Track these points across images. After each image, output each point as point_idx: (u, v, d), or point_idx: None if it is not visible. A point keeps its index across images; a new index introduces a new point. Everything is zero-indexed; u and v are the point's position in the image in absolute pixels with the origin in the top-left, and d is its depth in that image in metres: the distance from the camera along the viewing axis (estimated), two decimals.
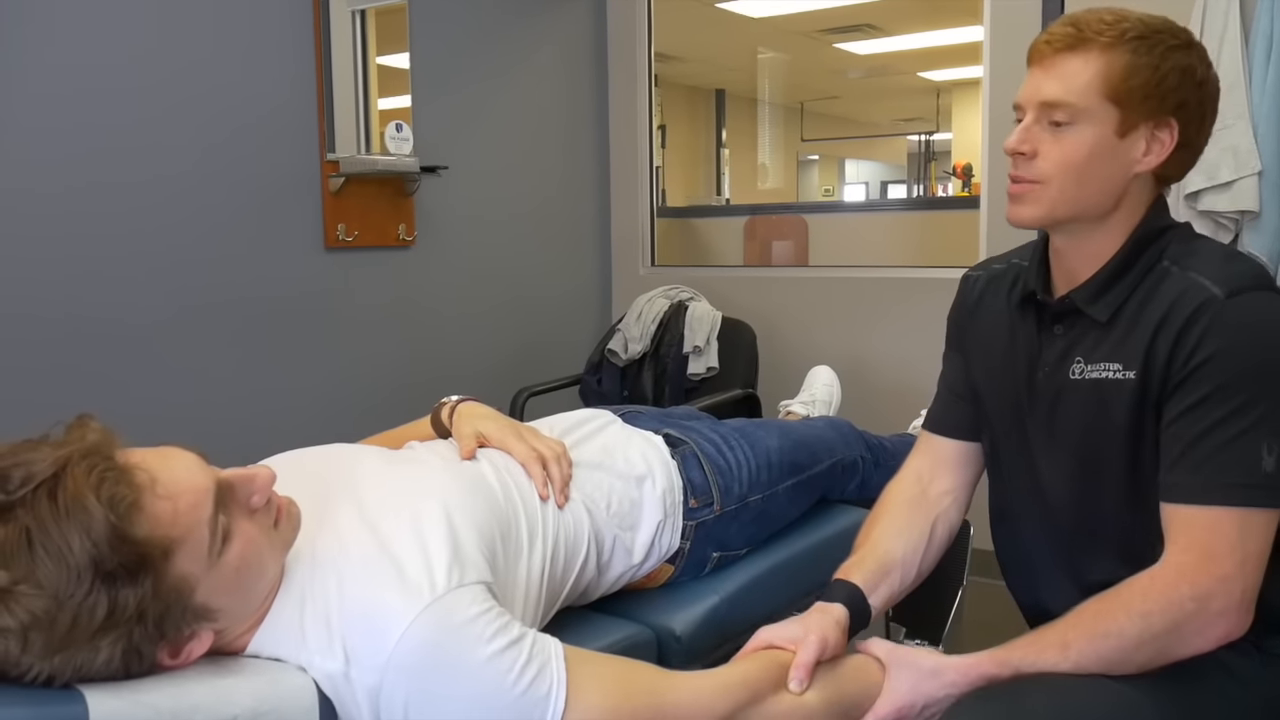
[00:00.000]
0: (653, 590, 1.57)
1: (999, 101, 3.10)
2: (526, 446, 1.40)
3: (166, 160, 2.56)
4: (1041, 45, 1.20)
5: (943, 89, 7.80)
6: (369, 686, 1.04)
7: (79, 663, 0.93)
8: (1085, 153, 1.18)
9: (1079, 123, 1.17)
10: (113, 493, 0.93)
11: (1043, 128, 1.20)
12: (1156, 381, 1.14)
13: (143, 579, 0.94)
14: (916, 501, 1.42)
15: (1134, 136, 1.18)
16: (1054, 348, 1.25)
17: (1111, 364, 1.18)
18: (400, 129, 3.07)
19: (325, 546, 1.12)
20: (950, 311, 1.47)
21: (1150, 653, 1.09)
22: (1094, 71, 1.16)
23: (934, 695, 1.15)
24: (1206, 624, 1.08)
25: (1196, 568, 1.08)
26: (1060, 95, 1.17)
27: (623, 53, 3.89)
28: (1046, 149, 1.20)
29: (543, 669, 1.07)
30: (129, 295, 2.50)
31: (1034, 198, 1.21)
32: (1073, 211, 1.21)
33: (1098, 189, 1.20)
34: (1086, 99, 1.16)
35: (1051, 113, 1.18)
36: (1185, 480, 1.11)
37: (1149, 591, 1.09)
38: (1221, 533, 1.08)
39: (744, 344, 3.32)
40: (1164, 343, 1.14)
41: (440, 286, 3.30)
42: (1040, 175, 1.20)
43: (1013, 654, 1.13)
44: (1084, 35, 1.17)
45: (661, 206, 4.11)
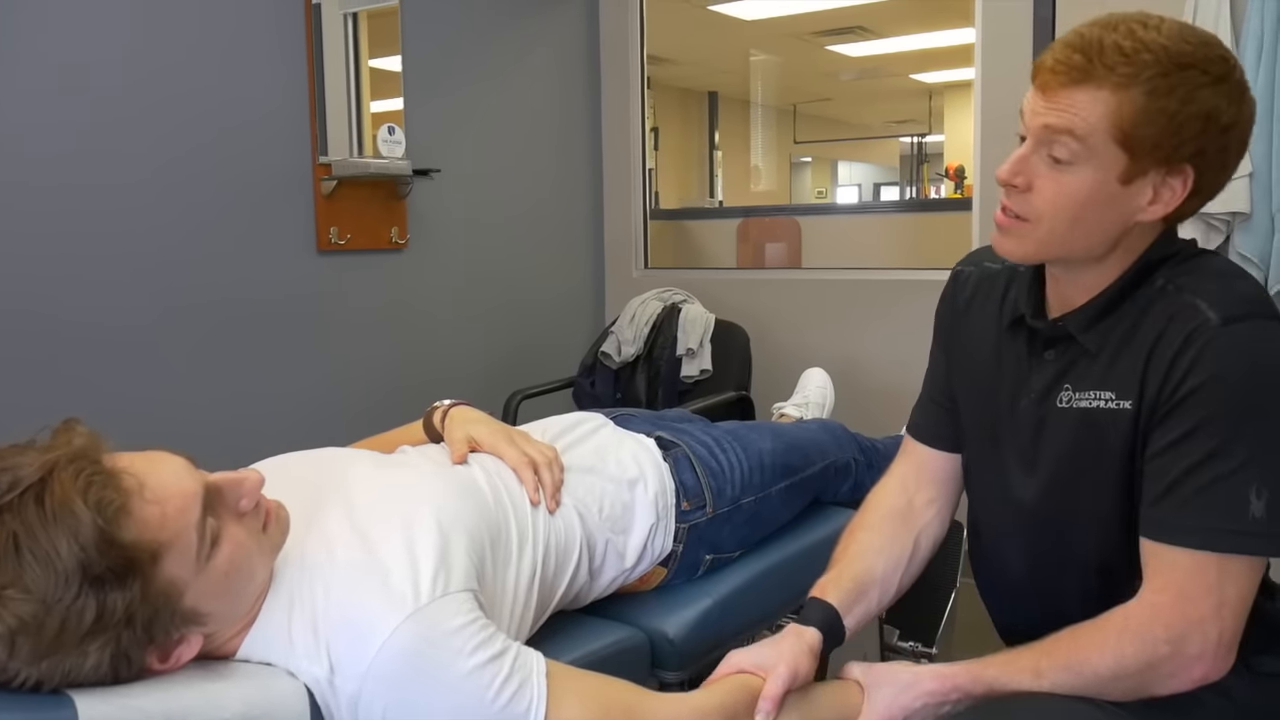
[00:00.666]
0: (646, 593, 1.57)
1: (991, 104, 3.11)
2: (518, 451, 1.40)
3: (157, 162, 2.55)
4: (1046, 71, 1.08)
5: (935, 91, 7.82)
6: (350, 694, 1.04)
7: (67, 668, 0.92)
8: (1082, 197, 1.08)
9: (1080, 163, 1.07)
10: (100, 497, 0.93)
11: (1040, 159, 1.10)
12: (1147, 410, 1.09)
13: (131, 583, 0.93)
14: (901, 514, 1.37)
15: (1140, 184, 1.07)
16: (1043, 374, 1.19)
17: (1103, 392, 1.12)
18: (393, 132, 3.07)
19: (314, 551, 1.12)
20: (939, 305, 1.40)
21: (1124, 689, 1.07)
22: (1102, 111, 1.04)
23: (911, 707, 1.14)
24: (1181, 666, 1.05)
25: (1172, 609, 1.04)
26: (1064, 124, 1.06)
27: (615, 55, 3.89)
28: (1041, 184, 1.10)
29: (523, 685, 1.07)
30: (119, 298, 2.49)
31: (1022, 234, 1.13)
32: (1062, 254, 1.13)
33: (1091, 234, 1.11)
34: (1092, 137, 1.05)
35: (1052, 144, 1.07)
36: (1168, 518, 1.06)
37: (1123, 630, 1.06)
38: (1200, 576, 1.04)
39: (737, 346, 3.32)
40: (1156, 369, 1.07)
41: (433, 289, 3.30)
42: (1030, 213, 1.11)
43: (987, 670, 1.12)
44: (1093, 67, 1.04)
45: (654, 209, 4.11)
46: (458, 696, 1.04)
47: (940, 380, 1.38)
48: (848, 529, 1.39)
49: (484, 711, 1.04)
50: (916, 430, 1.42)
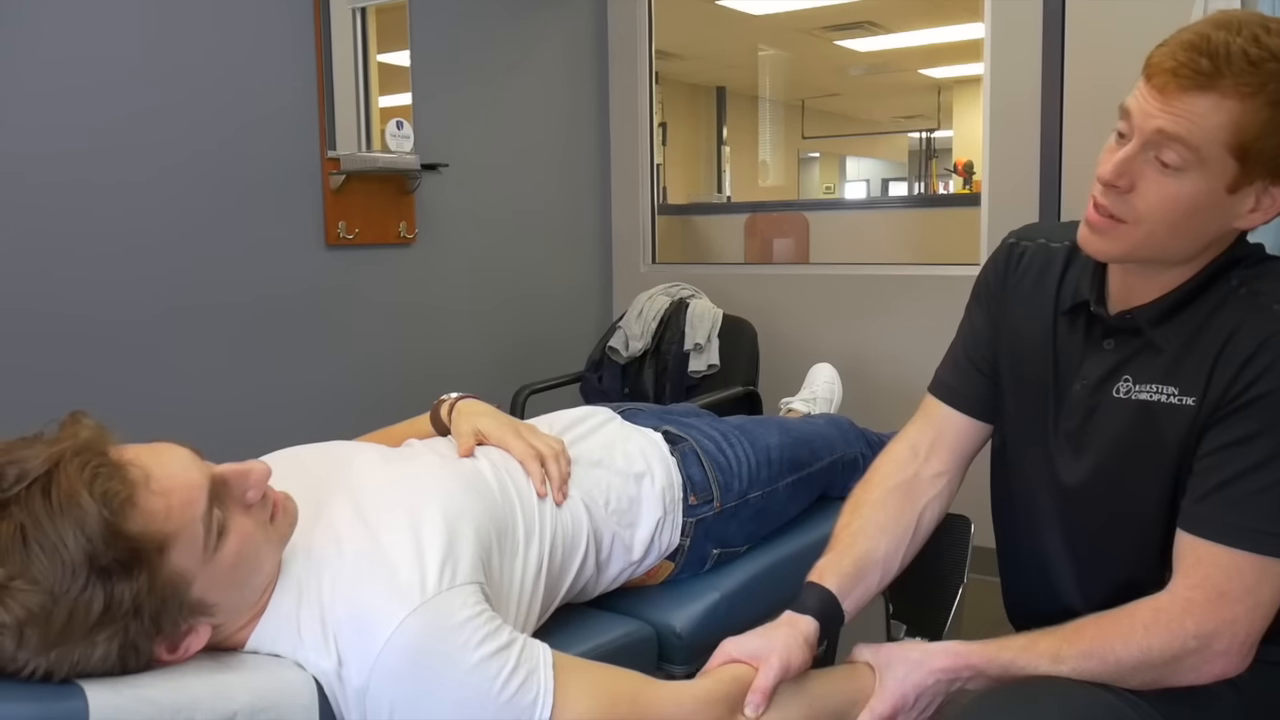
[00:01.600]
0: (653, 587, 1.57)
1: (1000, 99, 3.10)
2: (525, 444, 1.40)
3: (165, 158, 2.56)
4: (1165, 71, 1.02)
5: (944, 86, 7.80)
6: (357, 688, 1.04)
7: (76, 658, 0.93)
8: (1187, 205, 1.04)
9: (1191, 170, 1.03)
10: (106, 488, 0.93)
11: (1146, 160, 1.05)
12: (1209, 409, 1.08)
13: (138, 574, 0.94)
14: (907, 488, 1.34)
15: (1245, 192, 1.05)
16: (1101, 363, 1.18)
17: (1166, 387, 1.11)
18: (401, 126, 3.07)
19: (321, 542, 1.12)
20: (987, 271, 1.36)
21: (1143, 680, 1.08)
22: (1224, 120, 1.00)
23: (924, 684, 1.14)
24: (1205, 661, 1.05)
25: (1205, 606, 1.04)
26: (1181, 132, 1.01)
27: (623, 50, 3.89)
28: (1145, 187, 1.05)
29: (529, 676, 1.07)
30: (128, 292, 2.50)
31: (1118, 235, 1.09)
32: (1154, 256, 1.11)
33: (1188, 240, 1.08)
34: (1209, 146, 1.01)
35: (1162, 148, 1.03)
36: (1214, 515, 1.06)
37: (1152, 624, 1.06)
38: (1239, 575, 1.04)
39: (745, 341, 3.32)
40: (1225, 370, 1.06)
41: (441, 284, 3.30)
42: (1131, 215, 1.07)
43: (1004, 652, 1.12)
44: (1220, 74, 0.99)
45: (662, 204, 4.11)
46: (465, 688, 1.04)
47: (983, 344, 1.34)
48: (850, 501, 1.37)
49: (491, 703, 1.04)
50: (945, 391, 1.38)
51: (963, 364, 1.37)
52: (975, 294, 1.39)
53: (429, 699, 1.03)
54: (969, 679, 1.14)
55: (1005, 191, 3.08)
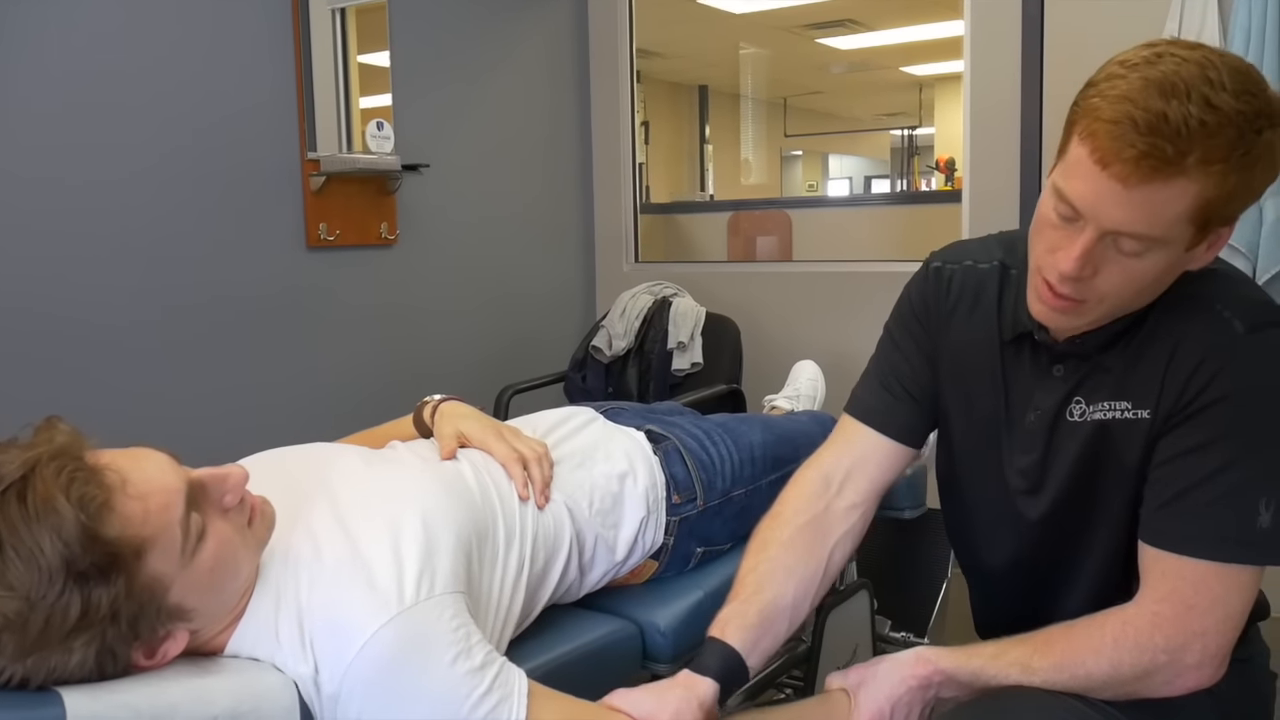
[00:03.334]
0: (637, 586, 1.57)
1: (980, 97, 3.10)
2: (507, 447, 1.39)
3: (143, 159, 2.54)
4: (1126, 161, 0.94)
5: (925, 84, 7.82)
6: (329, 694, 1.04)
7: (52, 664, 0.92)
8: (1152, 276, 1.02)
9: (1153, 250, 0.99)
10: (83, 493, 0.92)
11: (1104, 245, 1.00)
12: (1162, 417, 1.06)
13: (115, 579, 0.93)
14: (817, 524, 1.27)
15: (1201, 245, 1.02)
16: (1052, 391, 1.15)
17: (1119, 403, 1.09)
18: (381, 127, 3.06)
19: (300, 547, 1.12)
20: (912, 295, 1.31)
21: (1116, 693, 1.06)
22: (1189, 202, 0.95)
23: (896, 693, 1.12)
24: (1177, 675, 1.04)
25: (1174, 620, 1.03)
26: (1143, 230, 0.97)
27: (604, 49, 3.89)
28: (1108, 270, 1.01)
29: (502, 702, 1.06)
30: (106, 294, 2.48)
31: (1080, 313, 1.06)
32: (1115, 317, 1.08)
33: (1149, 297, 1.06)
34: (1172, 229, 0.97)
35: (1121, 240, 0.99)
36: (1174, 527, 1.04)
37: (1120, 638, 1.05)
38: (1205, 587, 1.02)
39: (728, 339, 3.32)
40: (1174, 379, 1.05)
41: (423, 285, 3.29)
42: (1094, 296, 1.04)
43: (973, 660, 1.11)
44: (1185, 155, 0.93)
45: (645, 203, 4.11)
46: (435, 703, 1.03)
47: (911, 371, 1.30)
48: (756, 539, 1.29)
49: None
50: (868, 413, 1.32)
51: (891, 386, 1.31)
52: (899, 317, 1.33)
53: (397, 711, 1.03)
54: (940, 684, 1.12)
55: (986, 188, 3.09)
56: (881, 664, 1.16)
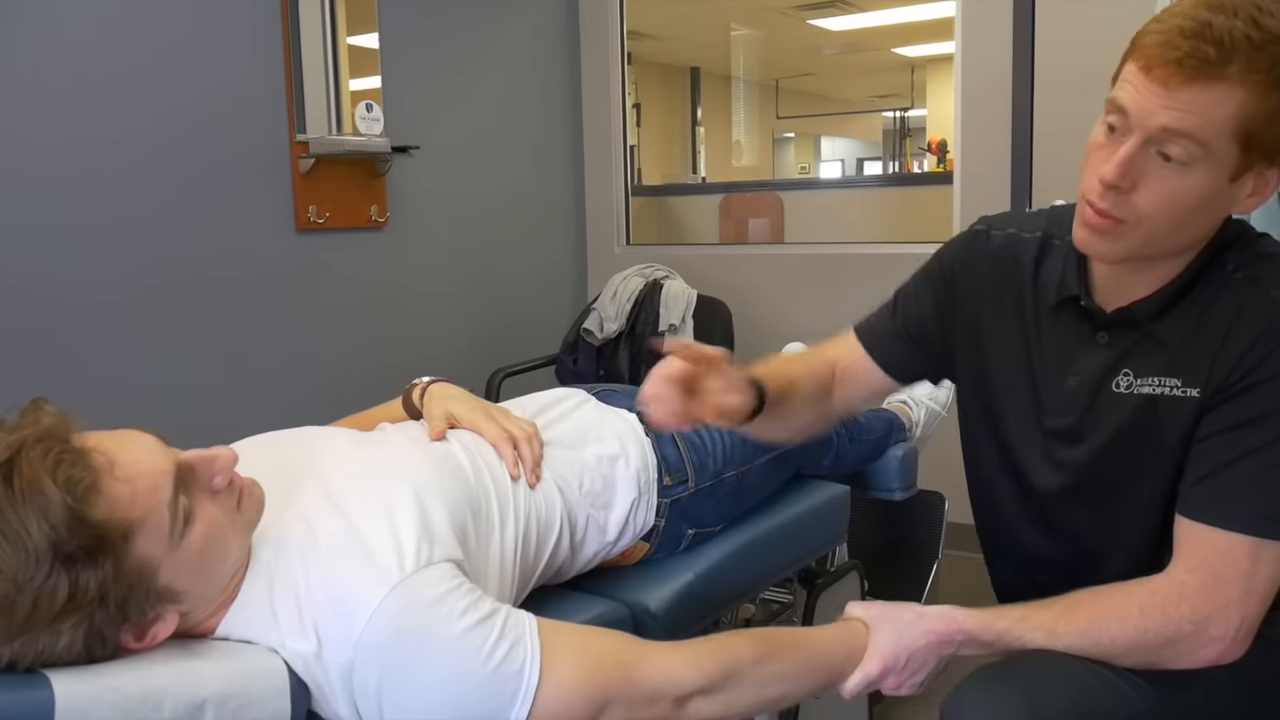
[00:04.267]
0: (628, 568, 1.57)
1: (971, 78, 3.10)
2: (497, 427, 1.39)
3: (131, 143, 2.52)
4: (1170, 62, 0.96)
5: (917, 65, 7.80)
6: (341, 665, 1.03)
7: (40, 647, 0.92)
8: (1194, 199, 1.01)
9: (1196, 164, 0.99)
10: (69, 475, 0.92)
11: (1148, 157, 1.00)
12: (1210, 395, 1.07)
13: (103, 561, 0.93)
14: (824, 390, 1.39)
15: (1245, 179, 1.02)
16: (1095, 357, 1.16)
17: (1169, 379, 1.09)
18: (371, 109, 3.05)
19: (292, 528, 1.11)
20: (948, 251, 1.34)
21: (1137, 660, 1.08)
22: (1233, 109, 0.96)
23: (914, 645, 1.14)
24: (1200, 645, 1.05)
25: (1201, 590, 1.04)
26: (1187, 128, 0.97)
27: (595, 30, 3.87)
28: (1148, 185, 1.01)
29: (516, 644, 1.07)
30: (96, 277, 2.47)
31: (1118, 235, 1.05)
32: (1156, 252, 1.08)
33: (1190, 233, 1.06)
34: (1216, 139, 0.97)
35: (1166, 144, 0.99)
36: (1211, 500, 1.06)
37: (1148, 606, 1.06)
38: (1234, 559, 1.04)
39: (719, 322, 3.32)
40: (1226, 357, 1.05)
41: (413, 268, 3.28)
42: (1133, 215, 1.03)
43: (998, 621, 1.12)
44: (1228, 62, 0.95)
45: (636, 185, 4.10)
46: (451, 659, 1.04)
47: (920, 318, 1.34)
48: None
49: (479, 672, 1.04)
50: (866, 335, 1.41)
51: (895, 321, 1.38)
52: (928, 269, 1.36)
53: (416, 673, 1.03)
54: (961, 644, 1.14)
55: (977, 169, 3.09)
56: (906, 612, 1.17)
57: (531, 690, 1.05)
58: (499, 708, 1.04)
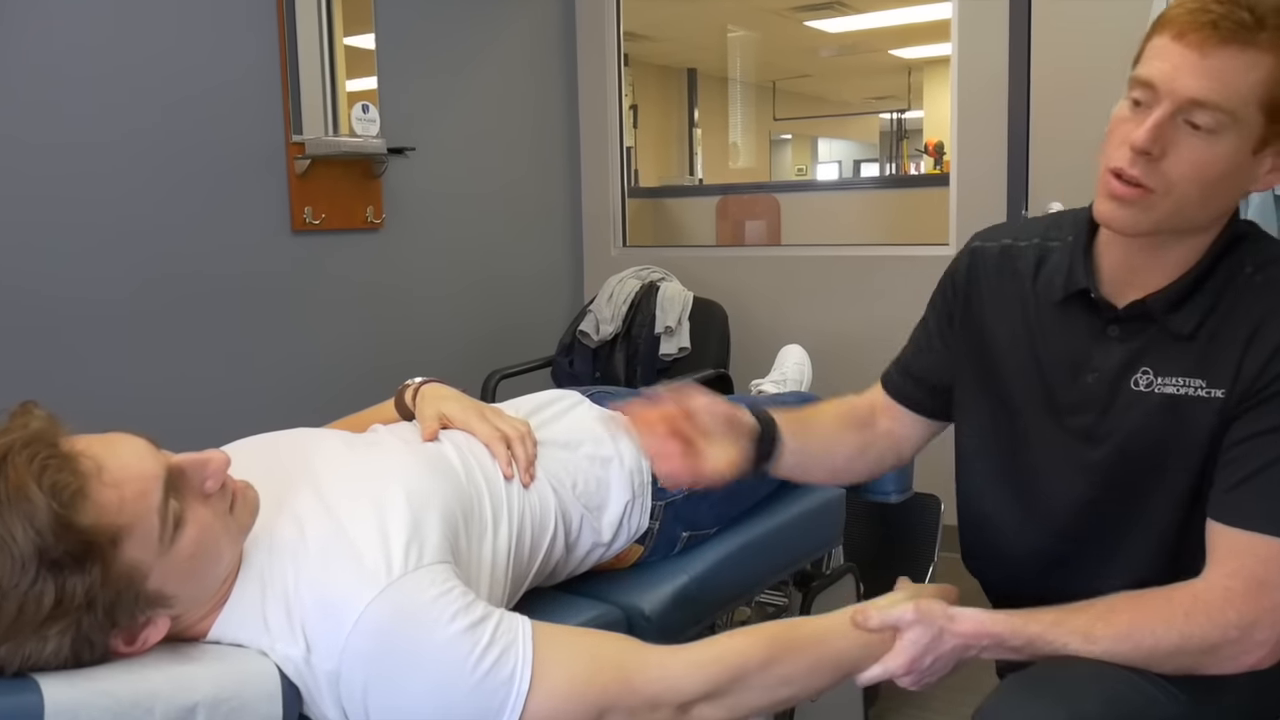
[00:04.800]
0: (622, 570, 1.57)
1: (968, 80, 3.10)
2: (490, 427, 1.39)
3: (126, 143, 2.52)
4: (1202, 25, 0.98)
5: (914, 67, 7.79)
6: (328, 672, 1.03)
7: (27, 652, 0.91)
8: (1220, 168, 1.01)
9: (1224, 132, 1.00)
10: (55, 480, 0.91)
11: (1177, 125, 1.01)
12: (1237, 398, 1.06)
13: (90, 567, 0.92)
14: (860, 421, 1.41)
15: (1265, 153, 1.03)
16: (1110, 353, 1.15)
17: (1193, 380, 1.09)
18: (367, 110, 3.04)
19: (284, 531, 1.11)
20: (946, 280, 1.35)
21: (1176, 666, 1.06)
22: (1261, 75, 0.97)
23: (941, 649, 1.11)
24: (1244, 651, 1.04)
25: (1245, 595, 1.03)
26: (1217, 98, 0.98)
27: (592, 32, 3.86)
28: (1177, 153, 1.01)
29: (506, 651, 1.05)
30: (91, 277, 2.47)
31: (1146, 205, 1.04)
32: (1179, 226, 1.07)
33: (1213, 205, 1.06)
34: (1244, 107, 0.98)
35: (1194, 112, 0.99)
36: (1247, 505, 1.05)
37: (1193, 610, 1.04)
38: (1276, 564, 1.03)
39: (716, 324, 3.32)
40: (1254, 359, 1.05)
41: (410, 269, 3.28)
42: (1159, 183, 1.03)
43: (1030, 626, 1.09)
44: (1263, 25, 0.96)
45: (633, 187, 4.09)
46: (438, 665, 1.03)
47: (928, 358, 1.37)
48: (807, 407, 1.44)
49: (467, 679, 1.02)
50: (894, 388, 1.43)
51: (912, 370, 1.40)
52: (933, 301, 1.38)
53: (402, 679, 1.02)
54: (986, 648, 1.11)
55: (974, 171, 3.09)
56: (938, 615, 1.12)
57: (521, 698, 1.04)
58: (487, 715, 1.03)
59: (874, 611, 1.15)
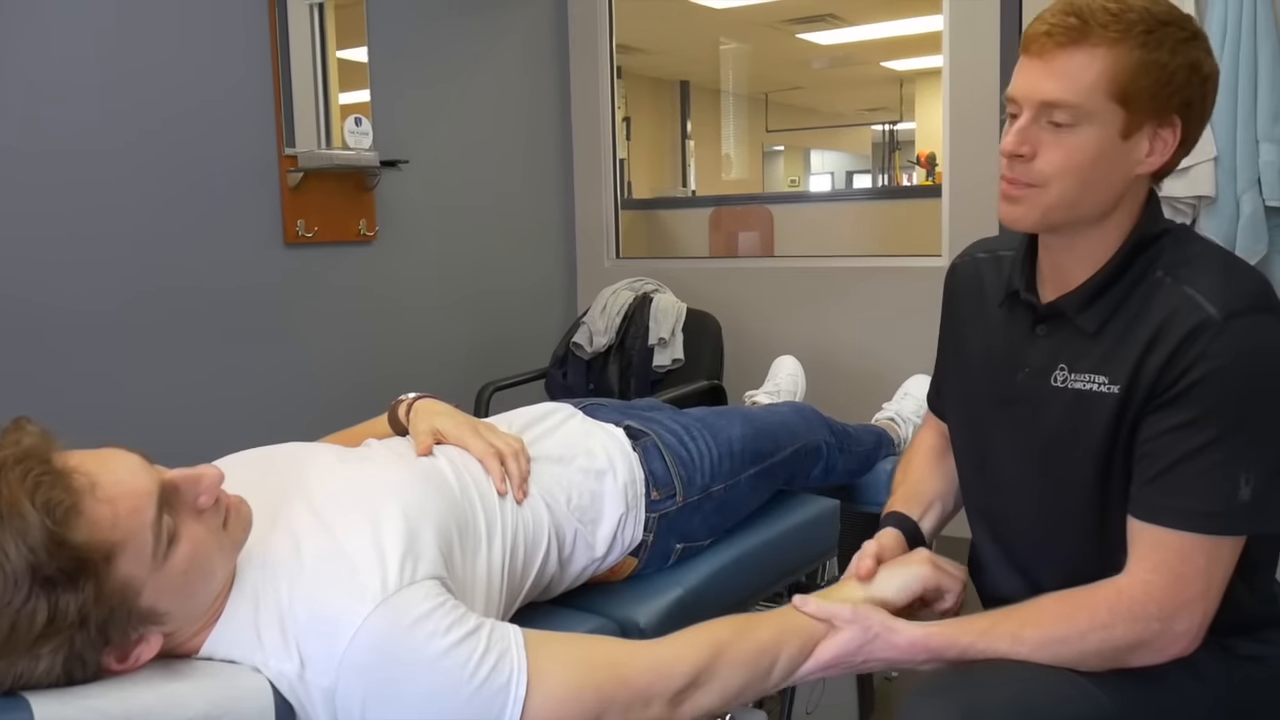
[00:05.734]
0: (617, 583, 1.56)
1: (960, 91, 3.11)
2: (483, 442, 1.39)
3: (119, 157, 2.52)
4: (1040, 36, 1.11)
5: (905, 79, 7.83)
6: (324, 687, 1.02)
7: (19, 670, 0.91)
8: (1089, 155, 1.11)
9: (1082, 124, 1.10)
10: (48, 497, 0.91)
11: (1041, 127, 1.12)
12: (1140, 398, 1.11)
13: (83, 584, 0.91)
14: (943, 451, 1.47)
15: (1138, 137, 1.12)
16: (1038, 350, 1.22)
17: (1097, 376, 1.15)
18: (359, 123, 3.05)
19: (278, 547, 1.11)
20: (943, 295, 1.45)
21: (1103, 660, 1.10)
22: (1099, 69, 1.08)
23: (872, 654, 1.18)
24: (1167, 643, 1.09)
25: (1165, 589, 1.08)
26: (1062, 95, 1.09)
27: (584, 44, 3.87)
28: (1046, 151, 1.12)
29: (502, 657, 1.06)
30: (84, 291, 2.47)
31: (1030, 200, 1.15)
32: (1069, 216, 1.15)
33: (1098, 192, 1.14)
34: (1091, 100, 1.09)
35: (1051, 112, 1.11)
36: (1160, 501, 1.09)
37: (1115, 606, 1.09)
38: (1191, 558, 1.08)
39: (709, 335, 3.32)
40: (1155, 359, 1.10)
41: (403, 282, 3.27)
42: (1038, 178, 1.13)
43: (962, 636, 1.14)
44: (1088, 27, 1.08)
45: (626, 198, 4.10)
46: (435, 676, 1.03)
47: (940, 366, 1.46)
48: (899, 465, 1.54)
49: (465, 688, 1.03)
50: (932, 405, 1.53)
51: (937, 382, 1.49)
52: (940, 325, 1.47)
53: (400, 692, 1.02)
54: (923, 662, 1.16)
55: (966, 182, 3.10)
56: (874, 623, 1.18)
57: (519, 703, 1.05)
58: None
59: (815, 599, 1.22)
